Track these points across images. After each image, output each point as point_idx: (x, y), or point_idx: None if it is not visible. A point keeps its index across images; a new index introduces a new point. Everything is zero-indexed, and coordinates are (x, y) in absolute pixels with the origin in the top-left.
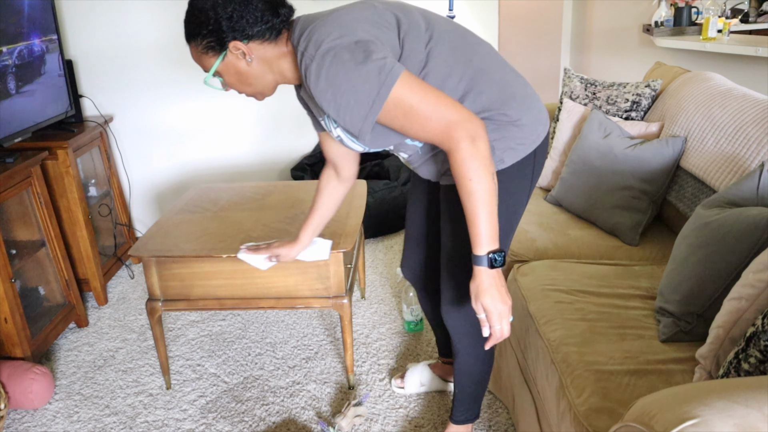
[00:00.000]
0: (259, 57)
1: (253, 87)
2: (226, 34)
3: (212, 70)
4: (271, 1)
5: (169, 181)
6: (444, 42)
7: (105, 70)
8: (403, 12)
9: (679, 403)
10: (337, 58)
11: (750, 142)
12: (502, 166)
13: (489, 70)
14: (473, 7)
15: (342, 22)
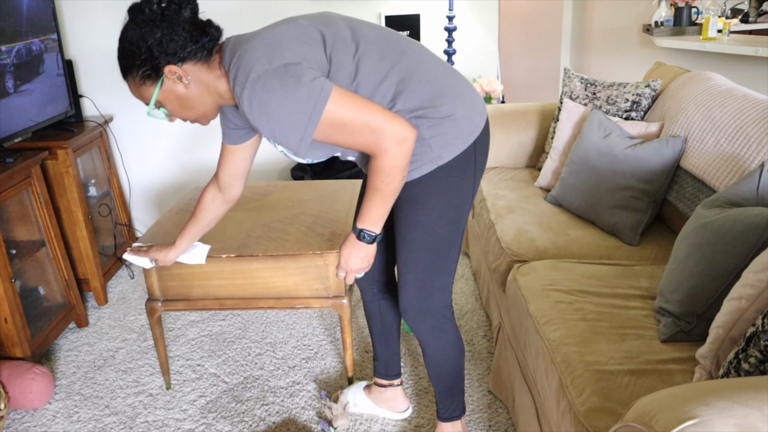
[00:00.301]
0: (195, 79)
1: (195, 110)
2: (159, 59)
3: (153, 99)
4: (197, 23)
5: (169, 181)
6: (371, 50)
7: (105, 70)
8: (327, 26)
9: (679, 403)
10: (268, 85)
11: (750, 142)
12: (441, 162)
13: (418, 70)
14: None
15: (269, 45)
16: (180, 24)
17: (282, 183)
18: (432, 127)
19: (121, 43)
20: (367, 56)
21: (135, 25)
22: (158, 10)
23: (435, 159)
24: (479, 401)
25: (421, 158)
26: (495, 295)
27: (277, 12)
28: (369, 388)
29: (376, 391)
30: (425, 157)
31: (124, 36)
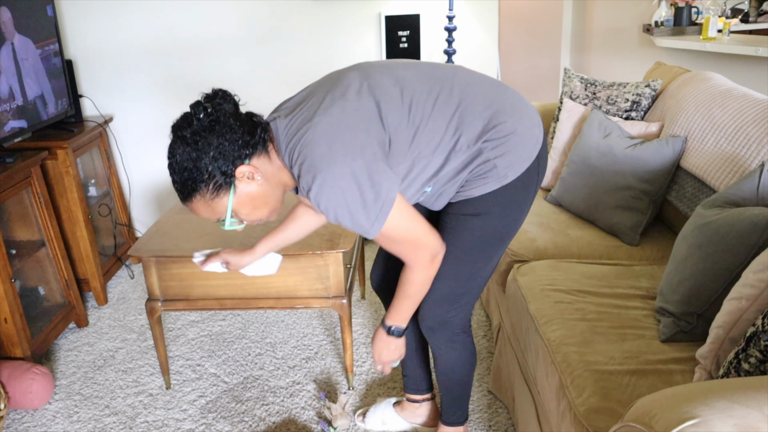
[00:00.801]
0: (263, 173)
1: (268, 206)
2: (227, 166)
3: (229, 209)
4: (241, 115)
5: (169, 181)
6: (422, 99)
7: (105, 70)
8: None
9: (679, 403)
10: (335, 188)
11: (750, 142)
12: (506, 181)
13: (471, 96)
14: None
15: (329, 139)
16: (231, 121)
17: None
18: (497, 147)
19: (178, 165)
20: (421, 108)
21: (185, 142)
22: (206, 119)
23: (500, 178)
24: (479, 401)
25: (485, 177)
26: (495, 295)
27: (278, 12)
28: (400, 405)
29: (408, 408)
30: (490, 176)
31: (177, 158)
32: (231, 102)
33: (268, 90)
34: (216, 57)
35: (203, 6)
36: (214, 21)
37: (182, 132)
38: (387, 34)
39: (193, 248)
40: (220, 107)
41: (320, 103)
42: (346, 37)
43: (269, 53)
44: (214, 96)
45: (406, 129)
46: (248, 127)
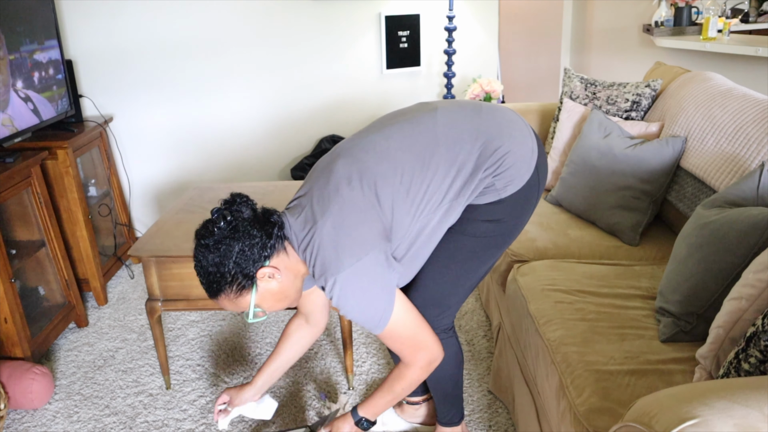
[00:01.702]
0: (285, 270)
1: (289, 297)
2: (249, 269)
3: (251, 307)
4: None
5: (169, 181)
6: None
7: (105, 70)
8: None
9: (679, 403)
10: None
11: (750, 142)
12: (505, 194)
13: (459, 140)
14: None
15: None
16: (249, 227)
17: (282, 183)
18: (495, 170)
19: (203, 269)
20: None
21: (208, 249)
22: (226, 227)
23: (499, 191)
24: (479, 401)
25: (483, 192)
26: (495, 295)
27: (278, 12)
28: (399, 407)
29: (408, 410)
30: (489, 192)
31: (202, 262)
32: (249, 207)
33: (268, 90)
34: (216, 57)
35: (203, 6)
36: (214, 21)
37: (205, 240)
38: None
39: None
40: (239, 214)
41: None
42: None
43: (269, 53)
44: (233, 202)
45: (402, 200)
46: (266, 229)
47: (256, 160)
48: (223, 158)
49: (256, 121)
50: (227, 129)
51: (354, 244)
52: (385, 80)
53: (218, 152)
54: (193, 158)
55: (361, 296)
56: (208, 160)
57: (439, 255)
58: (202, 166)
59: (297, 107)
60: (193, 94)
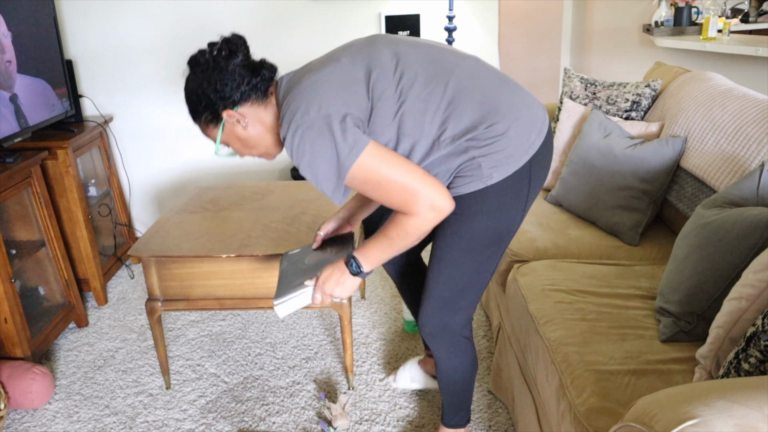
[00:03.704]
0: (253, 120)
1: (257, 149)
2: (217, 105)
3: (217, 141)
4: (249, 65)
5: (169, 181)
6: (415, 77)
7: (105, 70)
8: (371, 59)
9: (679, 403)
10: (305, 135)
11: (750, 142)
12: (491, 182)
13: (467, 89)
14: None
15: (312, 92)
16: (232, 69)
17: (282, 183)
18: (484, 147)
19: (186, 93)
20: (411, 85)
21: (194, 75)
22: (211, 59)
23: (485, 178)
24: (479, 401)
25: (469, 175)
26: (495, 295)
27: (278, 12)
28: (423, 362)
29: (429, 362)
30: (474, 175)
31: (186, 86)
32: (243, 52)
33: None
34: None
35: (203, 6)
36: (214, 21)
37: (192, 67)
38: None
39: (193, 248)
40: (229, 54)
41: (316, 65)
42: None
43: (269, 53)
44: (230, 41)
45: (391, 102)
46: (248, 77)
47: (256, 159)
48: (223, 158)
49: None
50: None
51: (329, 102)
52: None
53: None
54: (193, 158)
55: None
56: (208, 160)
57: (440, 258)
58: (202, 166)
59: None
60: None
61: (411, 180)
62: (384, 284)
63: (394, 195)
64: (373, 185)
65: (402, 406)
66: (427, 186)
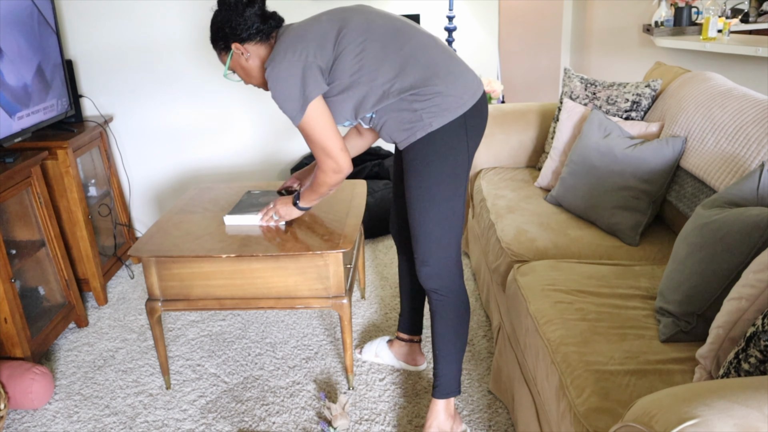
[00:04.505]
0: (254, 55)
1: (256, 79)
2: (228, 38)
3: (226, 66)
4: (262, 14)
5: (169, 181)
6: (377, 40)
7: (105, 70)
8: (345, 21)
9: (679, 403)
10: (279, 72)
11: (750, 142)
12: (431, 129)
13: (416, 56)
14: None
15: (292, 40)
16: (248, 13)
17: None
18: (423, 101)
19: (211, 23)
20: (371, 45)
21: (219, 11)
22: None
23: (425, 126)
24: (479, 401)
25: (413, 126)
26: (495, 295)
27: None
28: (391, 342)
29: (397, 345)
30: (416, 125)
31: (213, 18)
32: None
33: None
34: (216, 56)
35: (203, 6)
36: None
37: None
38: None
39: (193, 248)
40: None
41: (304, 22)
42: None
43: None
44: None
45: (352, 56)
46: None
47: (256, 159)
48: (223, 158)
49: (256, 120)
50: (227, 129)
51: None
52: None
53: (218, 152)
54: (193, 158)
55: (286, 88)
56: (208, 160)
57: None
58: (202, 167)
59: None
60: (193, 94)
61: (331, 144)
62: (384, 284)
63: (315, 148)
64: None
65: (402, 406)
66: (340, 153)
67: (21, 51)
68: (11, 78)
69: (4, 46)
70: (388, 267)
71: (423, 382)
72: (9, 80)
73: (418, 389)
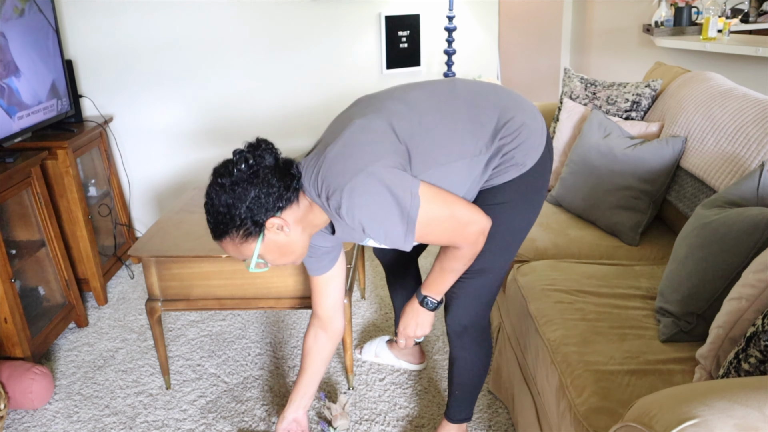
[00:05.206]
0: (294, 223)
1: (295, 253)
2: (260, 217)
3: (255, 255)
4: (280, 166)
5: (169, 181)
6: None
7: (105, 70)
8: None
9: (679, 403)
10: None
11: (750, 142)
12: (524, 169)
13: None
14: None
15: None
16: (269, 175)
17: None
18: (513, 140)
19: (213, 208)
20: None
21: (223, 189)
22: (246, 170)
23: (519, 166)
24: (479, 401)
25: (505, 167)
26: None
27: (278, 12)
28: (391, 343)
29: (396, 346)
30: (509, 165)
31: (214, 201)
32: (272, 154)
33: (268, 90)
34: (216, 57)
35: (203, 6)
36: (214, 21)
37: (222, 180)
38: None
39: (193, 248)
40: (261, 160)
41: (332, 136)
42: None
43: (269, 53)
44: (257, 146)
45: (420, 137)
46: (285, 179)
47: None
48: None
49: (255, 120)
50: (227, 129)
51: (368, 153)
52: (385, 80)
53: (218, 152)
54: (193, 158)
55: (383, 200)
56: (208, 160)
57: None
58: (203, 166)
59: (297, 107)
60: (193, 94)
61: (462, 212)
62: (384, 284)
63: (451, 230)
64: (431, 229)
65: (402, 406)
66: (475, 213)
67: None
68: (27, 97)
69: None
70: None
71: (423, 382)
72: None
73: (418, 389)
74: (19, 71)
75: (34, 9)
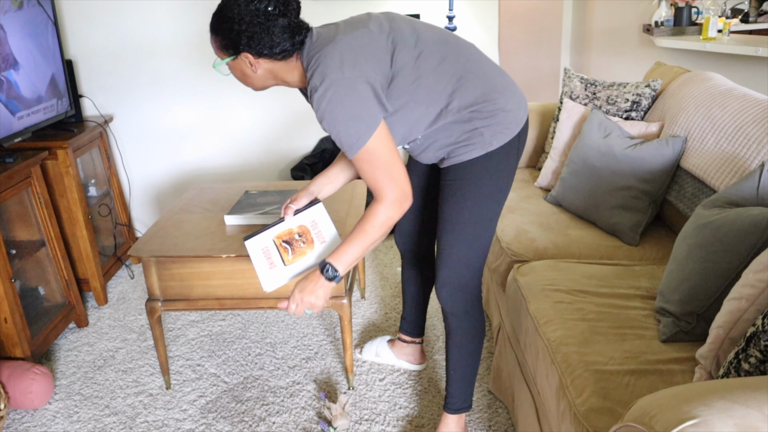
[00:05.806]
0: (265, 69)
1: (252, 85)
2: (242, 46)
3: (220, 63)
4: (291, 29)
5: (169, 181)
6: (431, 54)
7: (105, 70)
8: (395, 32)
9: (679, 403)
10: (336, 94)
11: (750, 142)
12: (491, 148)
13: (473, 69)
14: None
15: (345, 53)
16: (274, 28)
17: (282, 183)
18: (485, 118)
19: (223, 9)
20: (427, 61)
21: (242, 5)
22: (263, 8)
23: (485, 145)
24: (479, 401)
25: (472, 144)
26: (495, 295)
27: None
28: (392, 342)
29: (398, 345)
30: (476, 142)
31: (227, 7)
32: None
33: (268, 90)
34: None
35: (203, 6)
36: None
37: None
38: None
39: (193, 248)
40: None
41: (346, 27)
42: None
43: None
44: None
45: (410, 72)
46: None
47: (256, 160)
48: (223, 158)
49: (256, 120)
50: (227, 129)
51: (362, 65)
52: None
53: (218, 152)
54: (193, 158)
55: (347, 109)
56: (208, 160)
57: (452, 220)
58: (202, 167)
59: (297, 107)
60: (193, 94)
61: (398, 169)
62: (384, 284)
63: (380, 175)
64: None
65: (402, 406)
66: (405, 182)
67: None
68: (27, 91)
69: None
70: (388, 267)
71: (423, 382)
72: (25, 93)
73: (418, 389)
74: (17, 64)
75: (33, 2)
